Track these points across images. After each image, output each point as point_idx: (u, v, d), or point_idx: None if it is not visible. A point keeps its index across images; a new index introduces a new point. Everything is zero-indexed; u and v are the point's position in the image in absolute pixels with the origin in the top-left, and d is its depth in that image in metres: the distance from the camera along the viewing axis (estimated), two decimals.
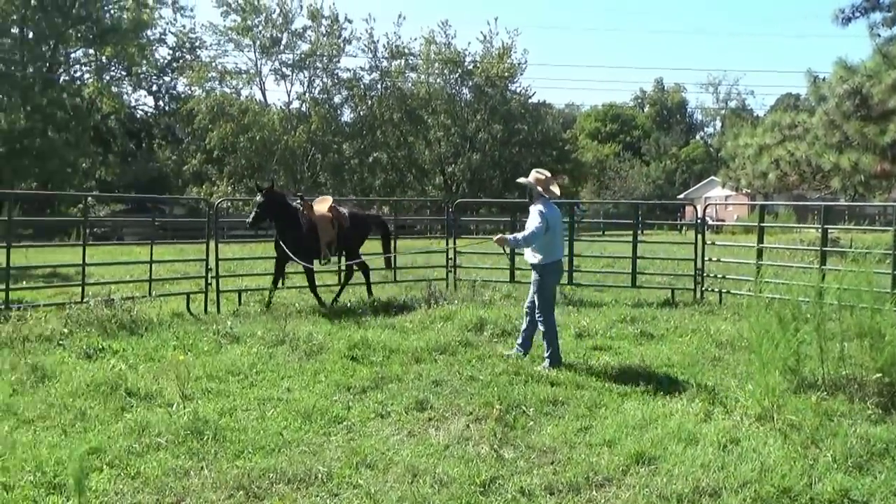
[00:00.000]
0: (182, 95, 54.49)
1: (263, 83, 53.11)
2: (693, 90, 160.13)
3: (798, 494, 4.56)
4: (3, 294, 10.11)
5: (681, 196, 58.56)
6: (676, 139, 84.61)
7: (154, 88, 56.96)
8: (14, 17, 42.52)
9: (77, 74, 51.51)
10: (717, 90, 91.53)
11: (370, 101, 49.67)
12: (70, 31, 45.48)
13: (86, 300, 10.27)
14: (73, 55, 50.23)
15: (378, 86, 50.66)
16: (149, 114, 58.84)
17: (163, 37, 54.10)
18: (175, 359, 7.14)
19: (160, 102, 58.06)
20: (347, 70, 51.09)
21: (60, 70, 48.30)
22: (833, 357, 6.77)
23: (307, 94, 50.79)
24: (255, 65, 52.24)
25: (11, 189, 34.52)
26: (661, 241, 19.63)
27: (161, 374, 7.00)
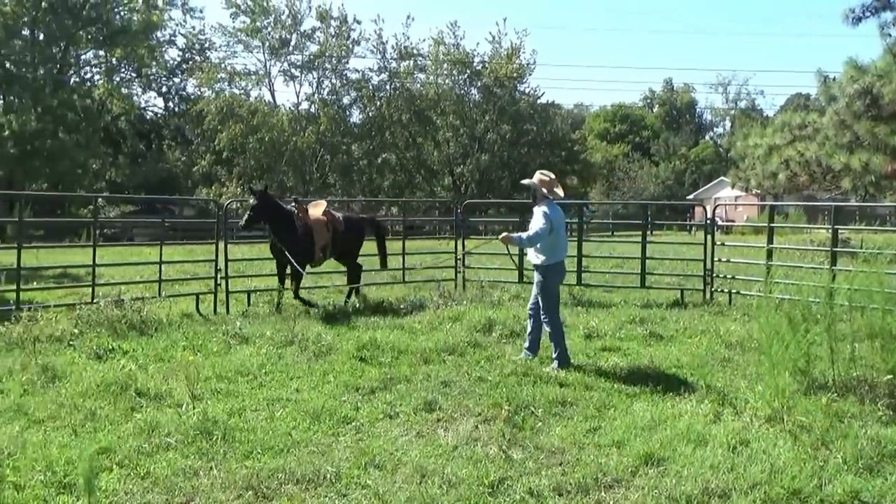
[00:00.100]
0: (191, 96, 54.70)
1: (272, 84, 53.31)
2: (702, 90, 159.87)
3: (808, 496, 4.54)
4: (15, 294, 10.19)
5: (690, 196, 58.29)
6: (686, 139, 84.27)
7: (164, 90, 57.27)
8: (25, 20, 42.76)
9: (87, 76, 51.84)
10: (727, 90, 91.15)
11: (379, 102, 49.67)
12: (80, 33, 45.69)
13: (96, 301, 10.32)
14: (84, 57, 50.47)
15: (387, 87, 50.67)
16: (158, 115, 59.13)
17: (172, 38, 54.47)
18: (184, 359, 7.16)
19: (170, 104, 58.38)
20: (356, 71, 51.20)
21: (71, 72, 48.56)
22: (844, 358, 6.75)
23: (316, 95, 50.90)
24: (265, 66, 52.42)
25: (23, 190, 34.78)
26: (671, 242, 19.54)
27: (171, 375, 7.03)
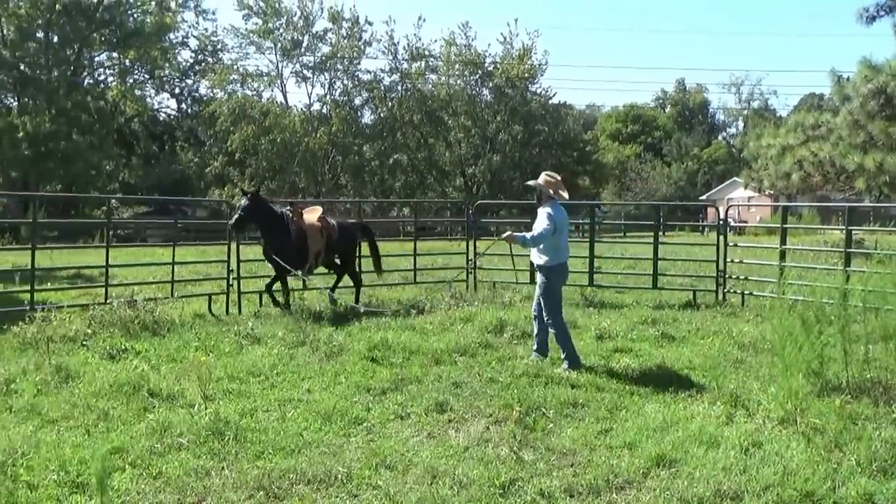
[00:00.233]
0: (204, 98, 54.83)
1: (284, 85, 53.34)
2: (715, 91, 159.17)
3: (821, 499, 4.51)
4: (29, 295, 10.26)
5: (703, 197, 58.03)
6: (698, 140, 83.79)
7: (176, 91, 57.48)
8: (39, 22, 43.04)
9: (101, 78, 52.09)
10: (740, 90, 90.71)
11: (390, 103, 49.68)
12: (94, 35, 45.93)
13: (109, 301, 10.37)
14: (97, 59, 50.71)
15: (398, 87, 50.67)
16: (171, 116, 59.39)
17: (185, 40, 54.61)
18: (197, 360, 7.19)
19: (182, 105, 58.59)
20: (368, 72, 51.19)
21: (85, 73, 48.84)
22: (857, 360, 6.70)
23: (328, 96, 50.96)
24: (277, 67, 52.49)
25: (37, 191, 35.03)
26: (683, 243, 19.48)
27: (183, 375, 7.06)
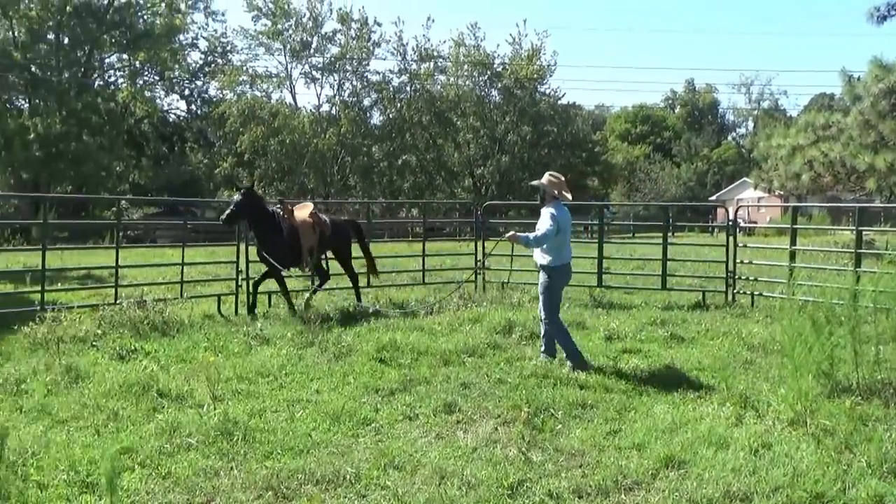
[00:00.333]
0: (213, 99, 54.95)
1: (293, 86, 53.38)
2: (725, 91, 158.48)
3: (831, 500, 4.49)
4: (39, 295, 10.31)
5: (713, 198, 57.81)
6: (708, 140, 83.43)
7: (186, 92, 57.59)
8: (50, 24, 43.21)
9: (111, 79, 52.23)
10: (750, 90, 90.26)
11: (399, 104, 49.68)
12: (104, 37, 46.08)
13: (119, 302, 10.42)
14: (108, 60, 50.84)
15: (407, 88, 50.66)
16: (181, 117, 59.51)
17: (195, 41, 54.71)
18: (206, 360, 7.20)
19: (192, 106, 58.68)
20: (377, 73, 51.15)
21: (95, 75, 49.01)
22: (868, 361, 6.67)
23: (337, 97, 50.98)
24: (286, 68, 52.52)
25: (48, 192, 35.20)
26: (692, 244, 19.41)
27: (192, 376, 7.07)
